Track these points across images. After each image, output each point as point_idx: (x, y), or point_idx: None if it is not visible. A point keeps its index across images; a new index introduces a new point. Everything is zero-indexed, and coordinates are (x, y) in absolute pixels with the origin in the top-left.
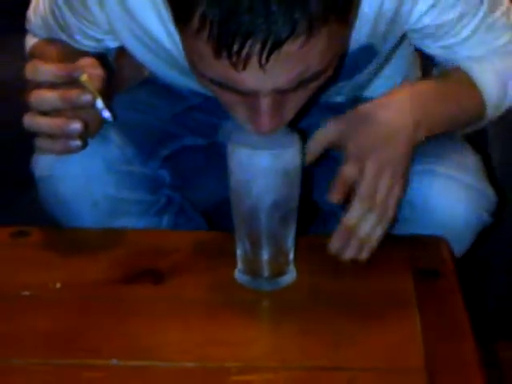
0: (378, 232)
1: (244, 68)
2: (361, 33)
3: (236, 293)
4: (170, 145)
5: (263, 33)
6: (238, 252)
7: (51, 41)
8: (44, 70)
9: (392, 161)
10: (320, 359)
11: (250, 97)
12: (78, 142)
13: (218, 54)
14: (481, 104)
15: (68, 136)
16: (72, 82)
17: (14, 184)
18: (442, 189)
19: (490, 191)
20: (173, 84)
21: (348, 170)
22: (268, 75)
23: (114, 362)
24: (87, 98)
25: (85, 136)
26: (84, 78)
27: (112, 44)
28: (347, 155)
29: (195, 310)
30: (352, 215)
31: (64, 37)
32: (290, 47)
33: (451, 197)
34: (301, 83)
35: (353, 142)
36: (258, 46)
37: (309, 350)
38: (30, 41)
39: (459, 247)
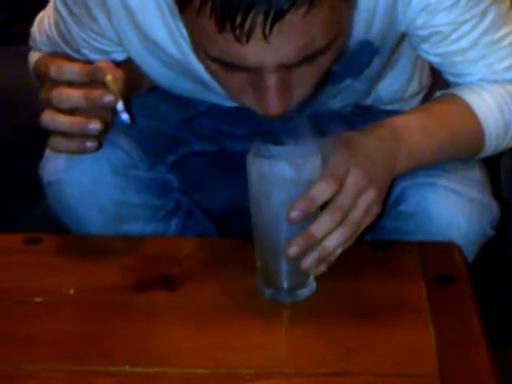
0: (340, 249)
1: (247, 41)
2: (358, 27)
3: (249, 299)
4: (178, 150)
5: (265, 3)
6: (258, 263)
7: (57, 53)
8: (69, 69)
9: (379, 181)
10: (334, 365)
11: (255, 75)
12: (94, 143)
13: (221, 27)
14: (479, 136)
15: (86, 135)
16: (92, 83)
17: (28, 192)
18: (445, 202)
19: (493, 205)
20: (180, 94)
21: (323, 185)
22: (272, 48)
23: (127, 368)
24: (110, 98)
25: (101, 137)
26: (109, 78)
27: (119, 56)
28: (328, 165)
29: (208, 316)
30: (322, 225)
31: (70, 52)
32: (293, 18)
33: (453, 210)
34: (305, 58)
35: (338, 154)
36: (260, 17)
37: (323, 356)
38: (34, 56)
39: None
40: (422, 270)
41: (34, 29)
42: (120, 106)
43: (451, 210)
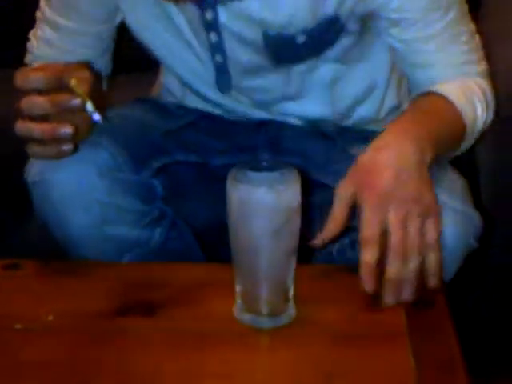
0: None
1: None
2: (329, 2)
3: (231, 324)
4: (162, 158)
5: None
6: (237, 288)
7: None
8: (34, 77)
9: (413, 199)
10: None
11: None
12: (70, 146)
13: None
14: (461, 122)
15: (59, 140)
16: (61, 88)
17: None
18: None
19: (476, 216)
20: (175, 68)
21: (370, 226)
22: None
23: None
24: (76, 101)
25: (76, 140)
26: (73, 82)
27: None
28: (365, 207)
29: (188, 341)
30: (392, 270)
31: (67, 15)
32: None
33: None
34: None
35: (368, 193)
36: None
37: (303, 382)
38: None
39: (445, 273)
40: None
41: (30, 41)
42: (89, 107)
43: None
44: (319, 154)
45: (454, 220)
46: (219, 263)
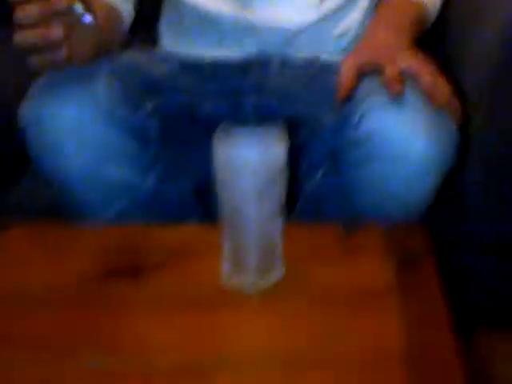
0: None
1: None
2: None
3: (219, 287)
4: (155, 99)
5: None
6: (225, 250)
7: None
8: None
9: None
10: (303, 353)
11: None
12: (64, 52)
13: None
14: (426, 10)
15: (52, 45)
16: None
17: None
18: (402, 119)
19: (451, 127)
20: None
21: (392, 66)
22: None
23: (92, 360)
24: (64, 2)
25: (72, 52)
26: None
27: None
28: (382, 63)
29: (175, 305)
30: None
31: None
32: None
33: (411, 126)
34: None
35: (380, 54)
36: None
37: (292, 344)
38: None
39: (424, 184)
40: (388, 252)
41: None
42: (79, 9)
43: (409, 126)
44: (302, 90)
45: (428, 124)
46: (207, 224)
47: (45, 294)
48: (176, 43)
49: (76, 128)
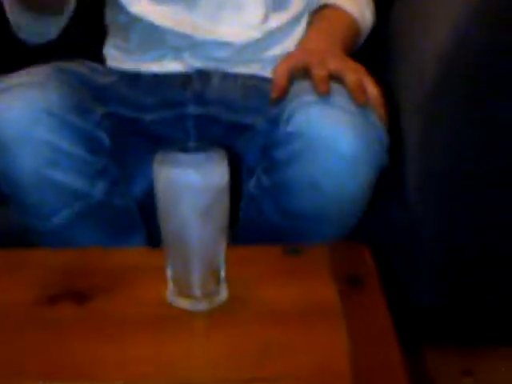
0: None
1: None
2: None
3: (164, 309)
4: (101, 109)
5: None
6: (169, 272)
7: None
8: None
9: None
10: (250, 371)
11: None
12: None
13: None
14: (357, 27)
15: None
16: None
17: None
18: (329, 117)
19: (377, 122)
20: None
21: (320, 69)
22: None
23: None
24: None
25: None
26: None
27: None
28: (312, 66)
29: (121, 328)
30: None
31: None
32: None
33: (338, 123)
34: None
35: (311, 57)
36: None
37: (239, 362)
38: None
39: (355, 180)
40: (333, 273)
41: None
42: None
43: (335, 122)
44: (240, 98)
45: (354, 121)
46: (152, 245)
47: None
48: (120, 61)
49: (28, 131)
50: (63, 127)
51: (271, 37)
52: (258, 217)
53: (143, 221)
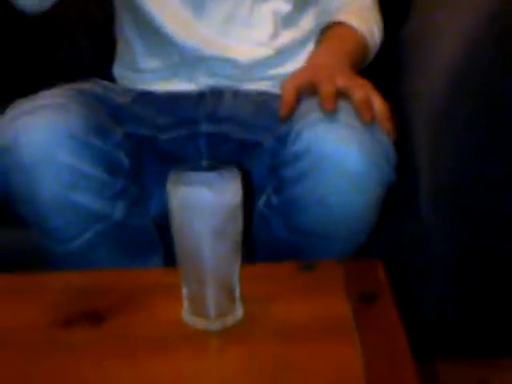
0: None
1: None
2: None
3: (179, 328)
4: (120, 129)
5: None
6: (184, 291)
7: None
8: None
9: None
10: None
11: None
12: None
13: None
14: (366, 44)
15: None
16: None
17: None
18: (335, 134)
19: (384, 138)
20: None
21: (328, 85)
22: None
23: None
24: None
25: None
26: None
27: None
28: (318, 81)
29: (137, 348)
30: (359, 93)
31: None
32: None
33: (344, 140)
34: None
35: (318, 74)
36: None
37: (253, 381)
38: None
39: (362, 197)
40: (346, 289)
41: None
42: None
43: (342, 140)
44: (250, 115)
45: (361, 138)
46: (168, 264)
47: (4, 341)
48: (131, 81)
49: (50, 155)
50: (84, 150)
51: (281, 54)
52: (268, 234)
53: (161, 241)
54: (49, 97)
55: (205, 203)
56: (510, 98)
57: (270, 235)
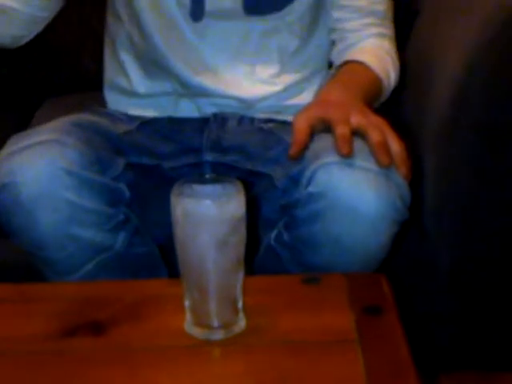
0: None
1: None
2: None
3: (182, 339)
4: (121, 160)
5: None
6: (187, 302)
7: None
8: None
9: (367, 113)
10: None
11: None
12: None
13: None
14: (380, 84)
15: None
16: None
17: None
18: (351, 178)
19: (400, 179)
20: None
21: (342, 126)
22: None
23: None
24: None
25: None
26: None
27: None
28: (333, 122)
29: (139, 358)
30: (374, 136)
31: None
32: None
33: (360, 184)
34: None
35: (333, 112)
36: None
37: None
38: None
39: (377, 239)
40: (350, 302)
41: None
42: None
43: (358, 184)
44: (257, 146)
45: (377, 181)
46: (168, 279)
47: (5, 352)
48: (124, 106)
49: (47, 190)
50: (82, 185)
51: (287, 91)
52: (276, 268)
53: (165, 262)
54: (45, 132)
55: (208, 215)
56: None
57: (279, 269)
